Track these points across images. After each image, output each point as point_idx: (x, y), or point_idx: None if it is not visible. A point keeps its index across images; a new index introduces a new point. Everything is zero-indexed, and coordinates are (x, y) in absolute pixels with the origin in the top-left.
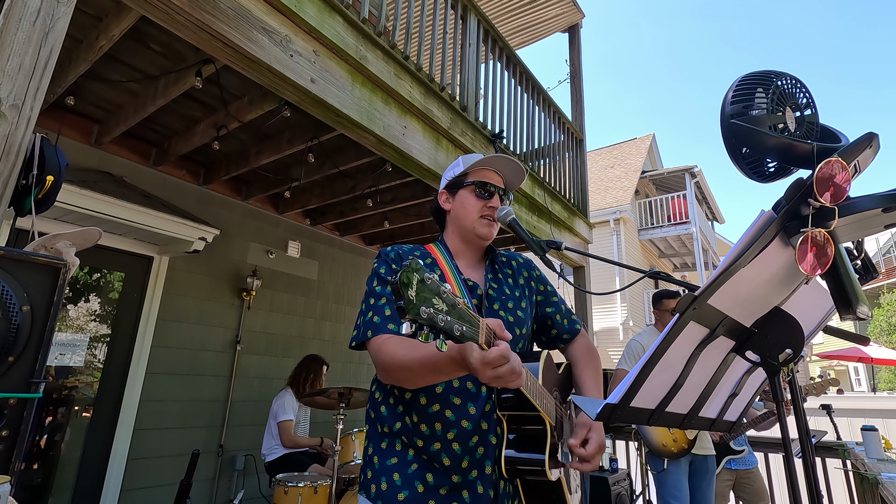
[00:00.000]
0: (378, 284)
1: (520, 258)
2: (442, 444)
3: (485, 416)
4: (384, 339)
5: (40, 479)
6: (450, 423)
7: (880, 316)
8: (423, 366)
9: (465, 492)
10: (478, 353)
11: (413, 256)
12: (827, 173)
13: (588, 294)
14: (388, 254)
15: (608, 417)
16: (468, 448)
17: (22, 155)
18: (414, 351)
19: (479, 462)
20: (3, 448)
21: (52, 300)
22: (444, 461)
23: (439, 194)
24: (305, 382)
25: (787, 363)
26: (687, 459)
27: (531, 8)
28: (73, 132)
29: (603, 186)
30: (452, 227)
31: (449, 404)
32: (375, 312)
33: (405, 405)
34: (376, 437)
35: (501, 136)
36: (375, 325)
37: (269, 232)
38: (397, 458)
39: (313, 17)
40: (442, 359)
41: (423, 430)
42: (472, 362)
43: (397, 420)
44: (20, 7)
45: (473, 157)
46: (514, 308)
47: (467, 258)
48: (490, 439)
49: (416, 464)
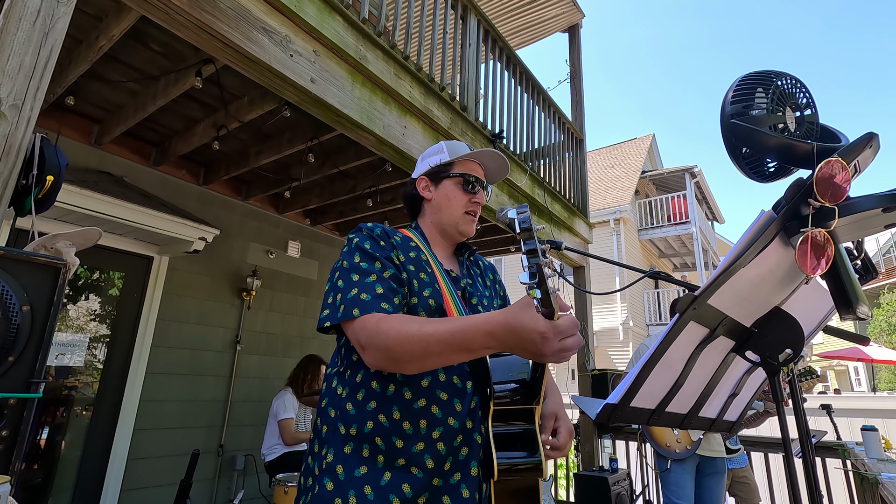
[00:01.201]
0: (363, 260)
1: (485, 261)
2: (426, 443)
3: (470, 413)
4: (379, 317)
5: (40, 479)
6: (436, 420)
7: (880, 316)
8: (447, 342)
9: (446, 497)
10: (546, 321)
11: (524, 205)
12: (827, 173)
13: (588, 294)
14: (372, 229)
15: (608, 417)
16: (453, 448)
17: (22, 155)
18: (431, 325)
19: (464, 463)
20: (3, 448)
21: (52, 300)
22: (426, 463)
23: (418, 181)
24: (304, 383)
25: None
26: (694, 461)
27: (531, 8)
28: (73, 132)
29: (603, 186)
30: (431, 216)
31: (436, 399)
32: (362, 289)
33: (383, 401)
34: (338, 440)
35: (501, 136)
36: (364, 303)
37: (269, 232)
38: (366, 466)
39: (313, 17)
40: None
41: (404, 429)
42: (541, 330)
43: (368, 419)
44: (20, 7)
45: (458, 147)
46: (488, 306)
47: (442, 249)
48: (475, 438)
49: (388, 472)
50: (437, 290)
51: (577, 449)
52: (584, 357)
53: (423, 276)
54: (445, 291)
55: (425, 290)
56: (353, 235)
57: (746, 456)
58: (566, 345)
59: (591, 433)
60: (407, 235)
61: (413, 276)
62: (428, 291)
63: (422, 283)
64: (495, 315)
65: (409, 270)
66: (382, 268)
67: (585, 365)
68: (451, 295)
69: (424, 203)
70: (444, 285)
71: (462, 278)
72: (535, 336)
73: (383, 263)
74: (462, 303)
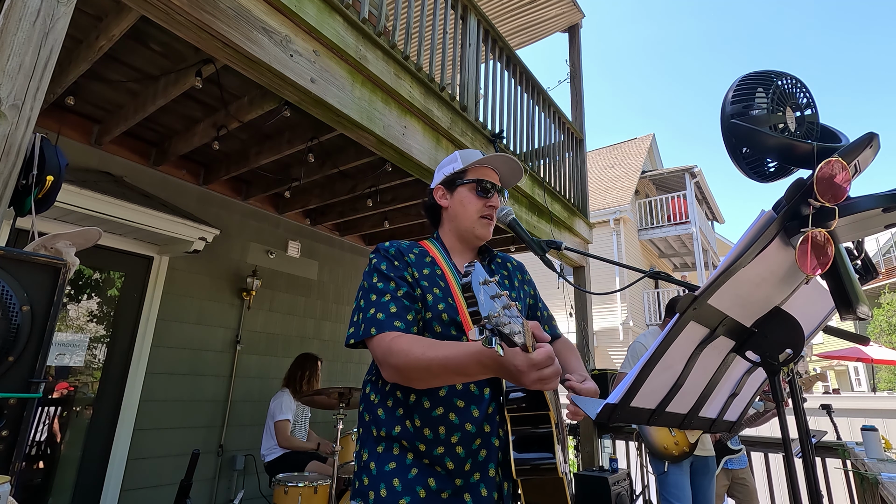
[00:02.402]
0: (379, 280)
1: (514, 261)
2: (445, 447)
3: (488, 418)
4: (393, 336)
5: (40, 479)
6: (454, 426)
7: (880, 316)
8: (445, 367)
9: (467, 495)
10: (522, 355)
11: (473, 262)
12: (827, 173)
13: (588, 294)
14: (388, 249)
15: (608, 417)
16: (471, 451)
17: (22, 155)
18: (433, 350)
19: (483, 465)
20: (3, 448)
21: (52, 300)
22: (447, 465)
23: (435, 190)
24: (302, 381)
25: (787, 363)
26: (688, 461)
27: (531, 8)
28: (73, 132)
29: (603, 186)
30: (449, 224)
31: (453, 407)
32: (378, 309)
33: (406, 409)
34: (372, 442)
35: (501, 135)
36: (379, 322)
37: (269, 232)
38: (396, 462)
39: (313, 17)
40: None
41: (426, 434)
42: (516, 364)
43: (396, 424)
44: (20, 7)
45: (471, 154)
46: None
47: (463, 256)
48: (493, 442)
49: (415, 468)
50: (452, 304)
51: (577, 449)
52: (584, 357)
53: (436, 291)
54: (461, 304)
55: (439, 304)
56: (373, 256)
57: (746, 457)
58: (543, 375)
59: (591, 433)
60: (424, 249)
61: (427, 290)
62: (442, 305)
63: (435, 297)
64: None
65: (423, 286)
66: (397, 287)
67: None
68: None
69: (442, 212)
70: (461, 297)
71: None
72: (513, 369)
73: (397, 283)
74: None
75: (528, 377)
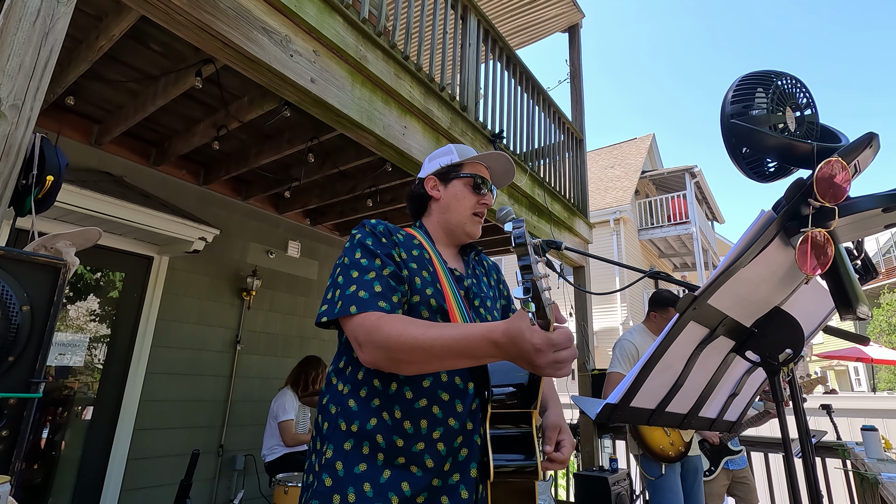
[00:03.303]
0: (363, 257)
1: (489, 260)
2: (426, 443)
3: (471, 414)
4: (378, 316)
5: (40, 479)
6: (436, 420)
7: (880, 316)
8: (451, 348)
9: (444, 497)
10: (542, 333)
11: (521, 218)
12: (827, 173)
13: (588, 294)
14: (375, 226)
15: (608, 417)
16: (453, 449)
17: (22, 155)
18: (435, 330)
19: (463, 465)
20: (3, 448)
21: (52, 300)
22: (426, 463)
23: (426, 180)
24: (308, 383)
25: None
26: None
27: (531, 8)
28: (73, 132)
29: (603, 186)
30: (439, 216)
31: (437, 400)
32: (361, 287)
33: (385, 399)
34: (338, 437)
35: (501, 135)
36: (362, 301)
37: (269, 232)
38: (366, 463)
39: (313, 17)
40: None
41: (405, 428)
42: (535, 342)
43: (371, 416)
44: (20, 7)
45: (466, 149)
46: (491, 307)
47: (447, 249)
48: (475, 440)
49: (388, 470)
50: (440, 290)
51: (577, 449)
52: (584, 357)
53: (424, 275)
54: (448, 291)
55: (427, 289)
56: (356, 231)
57: (746, 457)
58: (560, 357)
59: (591, 433)
60: (411, 234)
61: (415, 273)
62: (430, 290)
63: (424, 281)
64: (499, 324)
65: (410, 268)
66: (382, 265)
67: (585, 365)
68: (454, 295)
69: (432, 202)
70: (447, 285)
71: (466, 278)
72: (530, 347)
73: (383, 261)
74: (465, 304)
75: (544, 357)
